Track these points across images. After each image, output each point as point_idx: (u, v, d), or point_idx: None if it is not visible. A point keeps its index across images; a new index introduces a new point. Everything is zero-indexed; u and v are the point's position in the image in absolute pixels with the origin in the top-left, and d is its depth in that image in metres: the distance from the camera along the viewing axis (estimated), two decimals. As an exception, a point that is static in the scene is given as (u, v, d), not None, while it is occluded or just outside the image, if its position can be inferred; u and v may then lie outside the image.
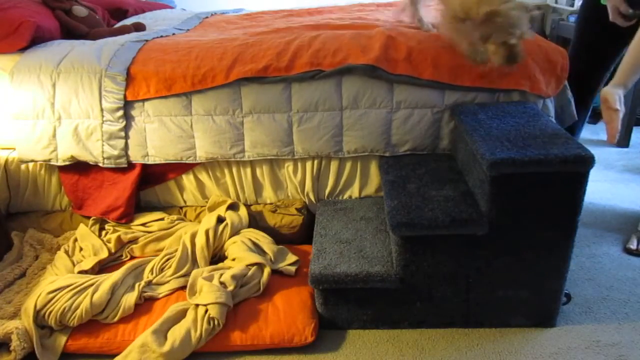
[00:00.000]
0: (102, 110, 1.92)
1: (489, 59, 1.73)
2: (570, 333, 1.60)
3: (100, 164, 1.99)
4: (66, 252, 1.92)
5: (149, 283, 1.76)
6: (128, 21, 2.69)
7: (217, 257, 1.92)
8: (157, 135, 1.96)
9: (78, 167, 2.04)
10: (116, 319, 1.63)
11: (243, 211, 2.02)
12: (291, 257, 1.87)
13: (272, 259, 1.84)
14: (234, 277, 1.69)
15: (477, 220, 1.47)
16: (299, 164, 2.01)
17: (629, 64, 1.58)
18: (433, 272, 1.57)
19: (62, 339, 1.58)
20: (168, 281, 1.77)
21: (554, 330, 1.62)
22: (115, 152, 1.97)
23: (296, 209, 2.03)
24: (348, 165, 2.01)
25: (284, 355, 1.59)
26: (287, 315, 1.62)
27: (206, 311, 1.58)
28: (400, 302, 1.62)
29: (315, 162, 2.00)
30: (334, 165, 2.01)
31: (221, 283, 1.67)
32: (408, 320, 1.66)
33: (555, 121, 2.01)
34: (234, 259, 1.83)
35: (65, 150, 1.98)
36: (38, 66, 1.95)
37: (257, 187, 2.08)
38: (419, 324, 1.66)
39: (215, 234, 1.88)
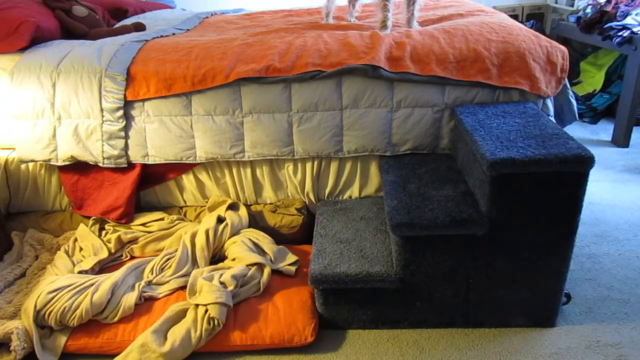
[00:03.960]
0: (102, 110, 1.92)
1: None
2: (570, 333, 1.60)
3: (100, 164, 1.99)
4: (66, 252, 1.92)
5: (149, 283, 1.76)
6: (128, 21, 2.69)
7: (217, 257, 1.92)
8: (157, 135, 1.96)
9: (78, 167, 2.04)
10: (116, 319, 1.63)
11: (243, 211, 2.02)
12: (291, 257, 1.87)
13: (272, 259, 1.84)
14: (234, 277, 1.69)
15: (477, 220, 1.47)
16: (299, 164, 2.01)
17: None
18: (433, 272, 1.57)
19: (62, 339, 1.59)
20: (168, 281, 1.77)
21: (554, 330, 1.62)
22: (115, 152, 1.97)
23: (296, 209, 2.03)
24: (348, 165, 2.01)
25: (284, 355, 1.59)
26: (287, 315, 1.62)
27: (206, 311, 1.58)
28: (400, 302, 1.62)
29: (315, 162, 2.00)
30: (334, 165, 2.01)
31: (221, 283, 1.67)
32: (408, 320, 1.66)
33: (555, 121, 2.01)
34: (234, 259, 1.83)
35: (65, 150, 1.98)
36: (38, 66, 1.95)
37: (257, 187, 2.08)
38: (419, 324, 1.66)
39: (215, 234, 1.88)
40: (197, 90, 1.89)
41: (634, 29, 2.82)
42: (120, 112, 1.92)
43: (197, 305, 1.61)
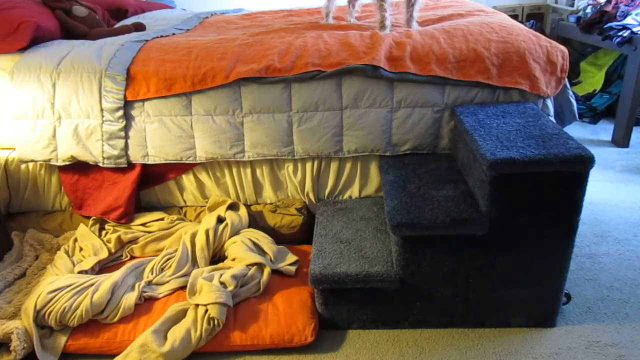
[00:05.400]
0: (102, 110, 1.92)
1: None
2: (570, 333, 1.60)
3: (100, 164, 1.99)
4: (66, 252, 1.92)
5: (149, 283, 1.76)
6: (128, 21, 2.69)
7: (217, 257, 1.92)
8: (157, 135, 1.96)
9: (78, 167, 2.04)
10: (116, 319, 1.63)
11: (243, 211, 2.02)
12: (291, 257, 1.87)
13: (272, 259, 1.84)
14: (234, 277, 1.69)
15: (477, 220, 1.47)
16: (299, 164, 2.01)
17: None
18: (433, 272, 1.57)
19: (62, 339, 1.59)
20: (168, 281, 1.77)
21: (554, 330, 1.62)
22: (115, 152, 1.97)
23: (296, 209, 2.03)
24: (348, 165, 2.01)
25: (284, 355, 1.59)
26: (287, 315, 1.62)
27: (206, 311, 1.58)
28: (400, 302, 1.62)
29: (315, 162, 2.00)
30: (334, 165, 2.01)
31: (221, 283, 1.67)
32: (408, 320, 1.66)
33: (555, 121, 2.01)
34: (234, 259, 1.83)
35: (65, 150, 1.98)
36: (38, 66, 1.95)
37: (257, 187, 2.08)
38: (419, 324, 1.66)
39: (215, 234, 1.88)
40: (197, 90, 1.89)
41: (634, 29, 2.82)
42: (120, 112, 1.92)
43: (197, 305, 1.61)
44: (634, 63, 2.79)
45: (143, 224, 2.03)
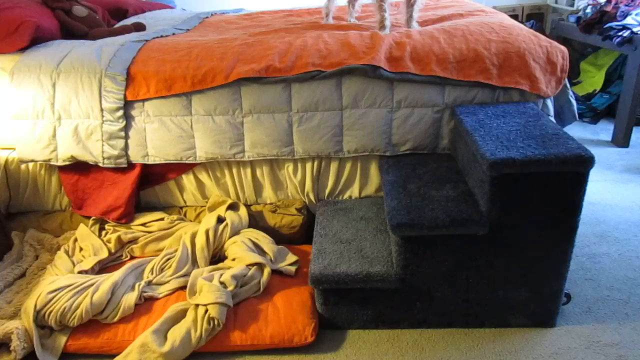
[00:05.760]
0: (102, 110, 1.92)
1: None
2: (570, 333, 1.60)
3: (100, 164, 1.99)
4: (66, 252, 1.92)
5: (149, 283, 1.76)
6: (128, 21, 2.69)
7: (217, 257, 1.92)
8: (157, 135, 1.96)
9: (78, 167, 2.04)
10: (116, 319, 1.63)
11: (243, 211, 2.02)
12: (291, 257, 1.87)
13: (272, 259, 1.84)
14: (234, 277, 1.69)
15: (477, 220, 1.47)
16: (299, 164, 2.01)
17: None
18: (433, 272, 1.57)
19: (62, 339, 1.59)
20: (168, 281, 1.77)
21: (554, 330, 1.62)
22: (115, 152, 1.97)
23: (296, 209, 2.03)
24: (348, 165, 2.01)
25: (284, 355, 1.59)
26: (287, 315, 1.62)
27: (206, 311, 1.58)
28: (400, 302, 1.62)
29: (315, 162, 2.00)
30: (334, 165, 2.01)
31: (221, 283, 1.68)
32: (408, 320, 1.66)
33: (555, 121, 2.01)
34: (234, 259, 1.83)
35: (65, 150, 1.98)
36: (38, 66, 1.95)
37: (257, 187, 2.08)
38: (419, 324, 1.66)
39: (215, 234, 1.88)
40: (197, 90, 1.89)
41: (634, 29, 2.82)
42: (120, 112, 1.92)
43: (197, 305, 1.61)
44: (634, 63, 2.79)
45: (143, 224, 2.03)
